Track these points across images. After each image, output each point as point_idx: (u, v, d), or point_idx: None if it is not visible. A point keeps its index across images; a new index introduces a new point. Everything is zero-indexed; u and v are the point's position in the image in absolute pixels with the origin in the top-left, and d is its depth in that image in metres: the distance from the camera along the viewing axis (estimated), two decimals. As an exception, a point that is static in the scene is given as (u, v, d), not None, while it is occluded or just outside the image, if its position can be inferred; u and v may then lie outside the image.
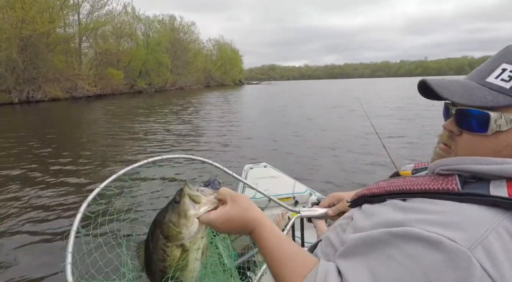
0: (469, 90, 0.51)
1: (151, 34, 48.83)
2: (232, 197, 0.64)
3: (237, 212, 0.62)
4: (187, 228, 0.65)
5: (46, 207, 4.14)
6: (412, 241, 0.44)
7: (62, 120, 14.10)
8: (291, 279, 0.52)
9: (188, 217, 0.65)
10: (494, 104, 0.48)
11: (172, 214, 0.66)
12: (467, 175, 0.50)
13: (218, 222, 0.63)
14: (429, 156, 0.62)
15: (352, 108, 14.39)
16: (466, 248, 0.40)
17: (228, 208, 0.63)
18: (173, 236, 0.66)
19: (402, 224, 0.47)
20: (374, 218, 0.55)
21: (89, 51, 35.99)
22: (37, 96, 24.90)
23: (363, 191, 0.67)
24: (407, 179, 0.58)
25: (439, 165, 0.55)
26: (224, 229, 0.64)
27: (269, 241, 0.59)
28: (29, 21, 23.52)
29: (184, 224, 0.65)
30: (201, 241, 0.69)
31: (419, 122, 10.39)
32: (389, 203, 0.56)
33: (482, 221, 0.43)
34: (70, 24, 32.57)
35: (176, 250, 0.66)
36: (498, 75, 0.50)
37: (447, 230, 0.43)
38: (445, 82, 0.54)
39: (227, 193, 0.65)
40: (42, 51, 25.91)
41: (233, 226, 0.62)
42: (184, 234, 0.65)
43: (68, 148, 7.87)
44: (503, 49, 0.53)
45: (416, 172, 0.70)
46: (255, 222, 0.61)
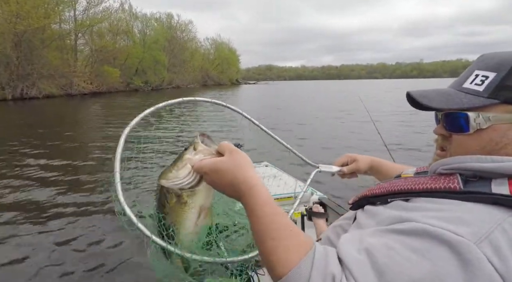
0: (447, 96, 0.57)
1: (148, 32, 48.58)
2: (231, 150, 0.59)
3: (231, 166, 0.57)
4: (177, 170, 0.65)
5: (39, 204, 4.09)
6: (417, 235, 0.44)
7: (56, 118, 13.94)
8: (286, 258, 0.47)
9: (182, 159, 0.65)
10: (470, 105, 0.53)
11: (175, 158, 0.68)
12: (469, 174, 0.52)
13: (208, 171, 0.59)
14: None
15: (354, 109, 14.39)
16: (473, 242, 0.41)
17: (223, 158, 0.59)
18: (163, 175, 0.67)
19: (406, 220, 0.48)
20: (377, 217, 0.56)
21: (85, 48, 35.69)
22: (31, 93, 24.58)
23: (364, 192, 0.67)
24: (409, 179, 0.60)
25: (440, 165, 0.56)
26: (214, 181, 0.59)
27: (262, 210, 0.52)
28: (23, 16, 23.20)
29: (176, 165, 0.66)
30: (198, 199, 0.67)
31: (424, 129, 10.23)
32: (392, 204, 0.57)
33: (487, 217, 0.44)
34: (66, 20, 32.30)
35: (174, 199, 0.67)
36: (472, 81, 0.55)
37: (452, 225, 0.43)
38: (425, 92, 0.59)
39: (227, 146, 0.61)
40: (37, 47, 25.59)
41: (223, 181, 0.57)
42: (172, 175, 0.65)
43: (62, 145, 7.78)
44: (478, 58, 0.59)
45: (417, 175, 0.70)
46: (249, 183, 0.55)
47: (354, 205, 0.69)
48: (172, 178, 0.66)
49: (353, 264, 0.44)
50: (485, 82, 0.53)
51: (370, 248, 0.45)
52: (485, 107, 0.53)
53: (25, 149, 7.20)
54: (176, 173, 0.65)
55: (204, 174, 0.60)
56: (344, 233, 0.66)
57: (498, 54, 0.56)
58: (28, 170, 5.58)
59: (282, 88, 49.69)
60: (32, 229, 3.43)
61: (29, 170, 5.58)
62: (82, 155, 6.89)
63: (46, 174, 5.36)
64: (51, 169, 5.63)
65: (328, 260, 0.46)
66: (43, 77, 25.87)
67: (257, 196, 0.54)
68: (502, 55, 0.55)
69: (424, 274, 0.40)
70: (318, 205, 1.73)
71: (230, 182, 0.56)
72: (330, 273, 0.44)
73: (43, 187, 4.74)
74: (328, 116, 13.20)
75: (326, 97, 27.60)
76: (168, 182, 0.66)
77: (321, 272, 0.44)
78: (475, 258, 0.39)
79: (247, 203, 0.54)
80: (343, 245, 0.49)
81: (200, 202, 0.68)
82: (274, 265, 0.48)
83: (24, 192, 4.52)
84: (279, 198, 2.41)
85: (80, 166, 5.98)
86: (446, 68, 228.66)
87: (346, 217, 0.74)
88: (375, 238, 0.47)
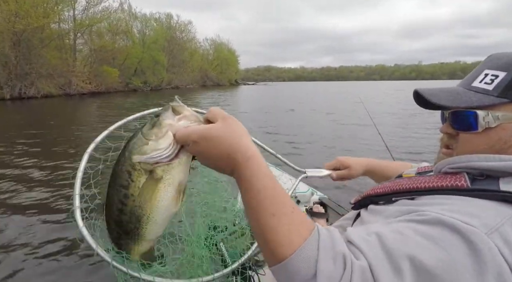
0: (456, 95, 0.56)
1: (147, 32, 48.48)
2: (224, 116, 0.50)
3: (226, 133, 0.48)
4: (156, 139, 0.51)
5: (35, 206, 4.07)
6: (429, 223, 0.43)
7: (55, 118, 13.88)
8: (288, 239, 0.42)
9: (161, 126, 0.51)
10: (479, 104, 0.53)
11: (147, 125, 0.53)
12: (476, 172, 0.52)
13: (198, 140, 0.48)
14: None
15: (354, 110, 14.39)
16: (484, 233, 0.40)
17: (217, 125, 0.49)
18: (136, 148, 0.52)
19: (417, 211, 0.47)
20: (383, 213, 0.55)
21: (84, 48, 35.56)
22: (29, 93, 24.46)
23: (368, 191, 0.66)
24: (413, 178, 0.59)
25: (446, 164, 0.56)
26: (204, 153, 0.49)
27: (262, 183, 0.45)
28: (22, 15, 23.10)
29: (154, 133, 0.51)
30: (177, 175, 0.53)
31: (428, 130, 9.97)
32: (398, 203, 0.56)
33: (496, 212, 0.44)
34: (65, 20, 32.20)
35: (144, 176, 0.52)
36: (481, 80, 0.55)
37: (463, 216, 0.42)
38: (433, 90, 0.59)
39: (219, 112, 0.51)
40: (35, 47, 25.46)
41: (216, 151, 0.48)
42: (150, 147, 0.51)
43: (60, 145, 7.74)
44: (487, 58, 0.59)
45: (419, 175, 0.69)
46: (247, 153, 0.47)
47: (356, 205, 0.68)
48: (150, 151, 0.51)
49: (363, 243, 0.42)
50: (494, 81, 0.53)
51: (380, 232, 0.43)
52: (495, 106, 0.52)
53: (22, 148, 7.16)
54: (155, 144, 0.51)
55: (193, 143, 0.49)
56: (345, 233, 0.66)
57: (507, 54, 0.56)
58: (25, 169, 5.55)
59: (281, 90, 49.69)
60: (28, 228, 3.42)
61: (26, 169, 5.55)
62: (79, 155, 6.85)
63: (43, 174, 5.33)
64: (48, 169, 5.60)
65: (334, 240, 0.42)
66: (42, 77, 25.75)
67: (256, 167, 0.47)
68: (511, 55, 0.55)
69: (435, 260, 0.39)
70: (319, 205, 1.73)
71: (224, 151, 0.48)
72: (340, 252, 0.40)
73: (39, 186, 4.71)
74: (329, 118, 13.19)
75: (326, 98, 27.62)
76: (143, 157, 0.51)
77: (329, 252, 0.40)
78: (486, 248, 0.39)
79: (244, 175, 0.47)
80: (351, 230, 0.46)
81: (179, 177, 0.53)
82: (274, 246, 0.42)
83: (21, 192, 4.49)
84: None
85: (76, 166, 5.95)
86: (445, 70, 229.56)
87: (346, 217, 0.73)
88: (385, 226, 0.45)
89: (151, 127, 0.52)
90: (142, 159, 0.52)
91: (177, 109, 0.53)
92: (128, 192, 0.53)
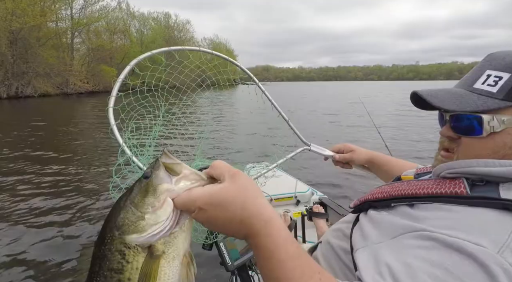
0: (459, 97, 0.54)
1: (145, 32, 48.42)
2: (232, 173, 0.43)
3: (236, 195, 0.41)
4: (153, 211, 0.42)
5: (31, 202, 4.03)
6: (437, 248, 0.41)
7: (52, 117, 13.80)
8: None
9: (157, 192, 0.42)
10: (485, 108, 0.51)
11: (137, 192, 0.44)
12: (475, 178, 0.50)
13: (205, 206, 0.41)
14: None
15: (355, 110, 14.38)
16: (495, 253, 0.39)
17: (225, 186, 0.42)
18: (130, 225, 0.42)
19: (420, 230, 0.45)
20: (382, 227, 0.53)
21: (82, 47, 35.43)
22: (26, 92, 24.32)
23: (366, 196, 0.65)
24: (412, 183, 0.58)
25: (445, 168, 0.54)
26: (212, 221, 0.42)
27: (286, 252, 0.40)
28: (19, 13, 22.98)
29: (150, 203, 0.42)
30: (181, 244, 0.43)
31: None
32: (397, 210, 0.55)
33: (502, 225, 0.42)
34: (63, 19, 32.07)
35: (141, 254, 0.42)
36: (484, 81, 0.53)
37: (469, 235, 0.41)
38: (435, 92, 0.56)
39: (225, 167, 0.44)
40: (32, 45, 25.34)
41: (226, 217, 0.41)
42: (148, 223, 0.41)
43: (57, 145, 7.70)
44: (486, 57, 0.56)
45: (418, 176, 0.69)
46: (264, 216, 0.41)
47: (355, 209, 0.67)
48: (148, 227, 0.41)
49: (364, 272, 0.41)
50: (498, 83, 0.51)
51: (393, 269, 0.41)
52: (500, 110, 0.50)
53: (18, 147, 7.11)
54: (153, 217, 0.41)
55: (199, 210, 0.41)
56: (344, 237, 0.65)
57: (509, 53, 0.53)
58: (21, 168, 5.51)
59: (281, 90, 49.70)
60: (22, 226, 3.39)
61: (21, 168, 5.51)
62: (75, 154, 6.81)
63: (38, 173, 5.29)
64: (44, 168, 5.56)
65: None
66: (39, 76, 25.62)
67: (277, 233, 0.40)
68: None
69: None
70: (319, 205, 1.73)
71: (236, 217, 0.41)
72: None
73: (34, 185, 4.68)
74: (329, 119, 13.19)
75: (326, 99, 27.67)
76: (142, 236, 0.41)
77: None
78: (501, 269, 0.37)
79: (262, 243, 0.40)
80: (364, 271, 0.44)
81: (184, 247, 0.44)
82: None
83: (17, 190, 4.46)
84: (279, 198, 2.41)
85: (72, 165, 5.92)
86: (442, 70, 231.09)
87: (346, 220, 0.72)
88: (393, 255, 0.44)
89: (144, 195, 0.43)
90: (141, 239, 0.41)
91: (173, 168, 0.43)
92: (123, 276, 0.41)
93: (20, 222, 3.56)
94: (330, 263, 0.67)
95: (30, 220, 3.61)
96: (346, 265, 0.62)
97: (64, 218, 3.66)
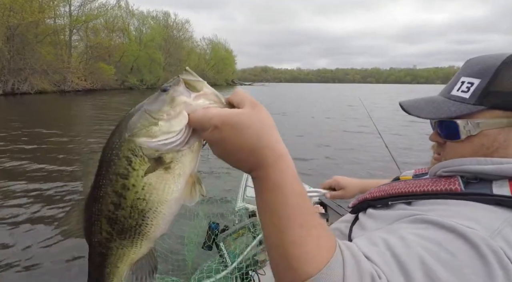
0: (436, 105, 0.58)
1: (144, 30, 48.23)
2: (253, 103, 0.41)
3: (257, 123, 0.40)
4: (168, 119, 0.40)
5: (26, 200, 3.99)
6: (433, 227, 0.43)
7: (48, 114, 13.69)
8: (317, 253, 0.37)
9: (175, 103, 0.41)
10: (458, 113, 0.54)
11: (153, 100, 0.43)
12: (469, 176, 0.52)
13: (221, 125, 0.39)
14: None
15: (355, 110, 14.39)
16: (487, 236, 0.40)
17: (245, 111, 0.40)
18: (142, 129, 0.41)
19: (412, 215, 0.48)
20: (381, 219, 0.55)
21: (80, 45, 35.22)
22: (23, 88, 24.08)
23: (365, 195, 0.67)
24: (409, 182, 0.59)
25: (441, 167, 0.57)
26: (225, 143, 0.40)
27: (292, 187, 0.39)
28: (17, 9, 22.78)
29: (165, 112, 0.41)
30: (187, 164, 0.43)
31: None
32: (394, 207, 0.56)
33: (494, 215, 0.44)
34: (61, 16, 31.81)
35: (147, 164, 0.41)
36: (459, 88, 0.56)
37: (463, 220, 0.43)
38: (416, 102, 0.62)
39: (246, 96, 0.42)
40: (30, 42, 25.13)
41: (241, 142, 0.39)
42: (161, 129, 0.40)
43: (51, 143, 7.63)
44: (464, 63, 0.59)
45: (416, 177, 0.71)
46: (278, 150, 0.40)
47: (354, 208, 0.68)
48: (160, 134, 0.40)
49: (378, 258, 0.40)
50: (470, 89, 0.54)
51: (390, 242, 0.43)
52: (473, 114, 0.54)
53: (12, 144, 7.04)
54: (167, 125, 0.40)
55: (213, 128, 0.40)
56: (342, 236, 0.66)
57: (482, 59, 0.56)
58: (16, 167, 5.46)
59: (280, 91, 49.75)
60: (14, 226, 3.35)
61: (16, 166, 5.46)
62: (71, 153, 6.76)
63: (32, 169, 5.25)
64: (39, 166, 5.52)
65: (356, 257, 0.40)
66: (36, 73, 25.38)
67: (286, 168, 0.40)
68: (485, 60, 0.56)
69: (444, 266, 0.39)
70: (319, 205, 1.73)
71: (250, 144, 0.39)
72: (367, 271, 0.38)
73: (29, 183, 4.63)
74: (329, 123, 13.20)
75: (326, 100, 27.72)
76: (153, 141, 0.40)
77: (355, 272, 0.38)
78: (492, 251, 0.39)
79: (272, 176, 0.39)
80: (361, 243, 0.44)
81: (191, 167, 0.44)
82: (298, 263, 0.37)
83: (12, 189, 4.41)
84: None
85: (67, 164, 5.88)
86: (439, 74, 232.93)
87: (345, 219, 0.73)
88: (391, 233, 0.45)
89: (161, 104, 0.41)
90: (152, 144, 0.40)
91: (193, 85, 0.42)
92: (128, 182, 0.42)
93: (12, 219, 3.52)
94: None
95: (26, 218, 3.57)
96: None
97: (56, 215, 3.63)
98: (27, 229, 3.31)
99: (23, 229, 3.32)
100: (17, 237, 3.15)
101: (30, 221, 3.50)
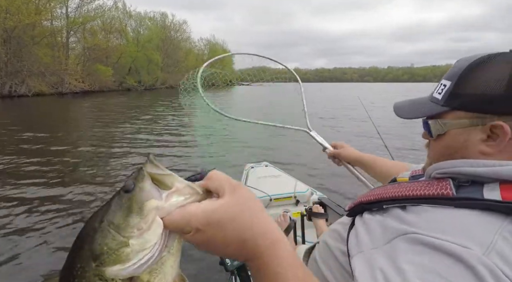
0: (416, 106, 0.63)
1: (141, 31, 48.19)
2: (233, 186, 0.37)
3: (241, 213, 0.36)
4: (140, 234, 0.33)
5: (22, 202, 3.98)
6: (428, 251, 0.43)
7: (46, 117, 13.64)
8: None
9: (143, 211, 0.33)
10: (428, 114, 0.59)
11: (117, 210, 0.34)
12: (462, 178, 0.52)
13: (203, 227, 0.35)
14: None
15: (355, 110, 14.43)
16: (481, 254, 0.40)
17: (225, 202, 0.36)
18: (111, 254, 0.32)
19: (407, 232, 0.47)
20: (376, 233, 0.54)
21: (77, 46, 35.12)
22: (20, 91, 23.99)
23: (361, 198, 0.67)
24: (402, 185, 0.60)
25: (435, 169, 0.57)
26: (210, 242, 0.36)
27: (295, 276, 0.36)
28: (13, 11, 22.70)
29: (134, 225, 0.33)
30: (169, 269, 0.35)
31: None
32: (389, 212, 0.56)
33: (486, 227, 0.44)
34: (58, 17, 31.69)
35: None
36: (437, 89, 0.59)
37: (456, 238, 0.42)
38: (404, 103, 0.67)
39: (223, 180, 0.38)
40: (27, 44, 25.03)
41: (227, 238, 0.35)
42: (134, 249, 0.33)
43: (49, 145, 7.61)
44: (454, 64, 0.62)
45: (413, 178, 0.72)
46: (270, 236, 0.37)
47: (351, 212, 0.68)
48: (133, 256, 0.33)
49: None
50: (443, 91, 0.58)
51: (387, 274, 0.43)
52: (441, 115, 0.57)
53: (9, 147, 7.01)
54: (140, 242, 0.33)
55: (195, 231, 0.35)
56: (341, 240, 0.67)
57: (460, 61, 0.58)
58: (13, 169, 5.43)
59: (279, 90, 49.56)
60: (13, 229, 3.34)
61: (14, 169, 5.43)
62: (69, 155, 6.74)
63: (31, 171, 5.23)
64: (37, 168, 5.50)
65: None
66: (33, 75, 25.30)
67: (284, 256, 0.37)
68: (461, 62, 0.57)
69: None
70: (318, 205, 1.74)
71: (238, 237, 0.36)
72: None
73: (28, 186, 4.62)
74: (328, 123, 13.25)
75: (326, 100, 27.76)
76: (126, 268, 0.32)
77: None
78: (488, 270, 0.39)
79: (269, 265, 0.36)
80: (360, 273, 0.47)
81: (173, 272, 0.36)
82: None
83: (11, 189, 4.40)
84: (279, 198, 2.41)
85: (66, 165, 5.86)
86: (436, 73, 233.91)
87: (343, 222, 0.73)
88: (386, 260, 0.45)
89: (127, 214, 0.33)
90: (125, 272, 0.32)
91: (162, 180, 0.35)
92: None
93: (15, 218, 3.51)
94: (327, 263, 0.69)
95: (24, 217, 3.56)
96: (343, 266, 0.64)
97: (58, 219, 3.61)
98: (22, 234, 3.30)
99: (19, 233, 3.30)
100: (12, 242, 3.14)
101: (27, 223, 3.48)
